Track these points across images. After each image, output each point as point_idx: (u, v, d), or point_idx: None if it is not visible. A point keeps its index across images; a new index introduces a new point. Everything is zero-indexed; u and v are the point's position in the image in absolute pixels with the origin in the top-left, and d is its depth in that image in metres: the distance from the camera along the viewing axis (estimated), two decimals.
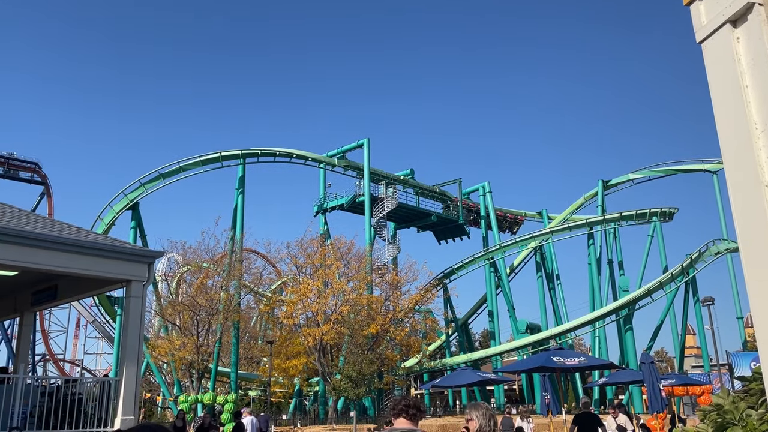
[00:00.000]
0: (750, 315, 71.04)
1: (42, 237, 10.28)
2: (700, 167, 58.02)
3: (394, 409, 4.63)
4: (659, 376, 14.36)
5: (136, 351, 10.99)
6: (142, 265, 11.40)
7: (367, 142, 52.71)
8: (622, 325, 51.20)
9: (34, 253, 10.14)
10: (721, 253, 52.63)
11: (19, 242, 9.93)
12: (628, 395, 47.04)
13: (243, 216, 47.40)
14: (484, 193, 61.64)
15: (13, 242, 9.86)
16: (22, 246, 9.98)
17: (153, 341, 44.17)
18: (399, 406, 4.60)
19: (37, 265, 10.43)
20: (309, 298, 43.79)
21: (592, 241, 55.94)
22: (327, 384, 43.15)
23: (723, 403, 4.65)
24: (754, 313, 4.11)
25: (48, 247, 10.27)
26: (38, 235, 10.27)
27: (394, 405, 4.63)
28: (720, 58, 4.46)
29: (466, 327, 61.36)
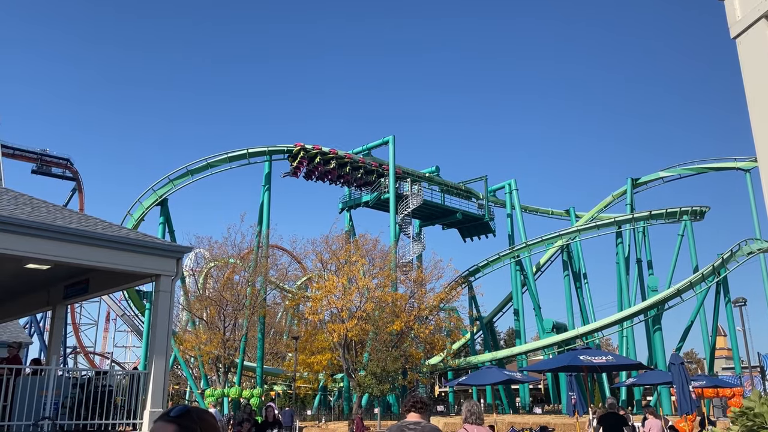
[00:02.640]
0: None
1: (75, 232, 10.49)
2: (732, 165, 56.75)
3: (405, 406, 5.72)
4: (689, 377, 14.12)
5: (164, 344, 11.17)
6: (170, 260, 11.57)
7: (392, 139, 52.70)
8: (651, 326, 50.39)
9: (67, 248, 10.36)
10: (753, 253, 51.40)
11: (53, 237, 10.16)
12: (657, 396, 46.34)
13: (269, 212, 47.80)
14: (510, 191, 61.19)
15: (47, 237, 10.09)
16: (56, 240, 10.20)
17: (180, 335, 44.82)
18: (409, 403, 5.70)
19: (69, 259, 10.65)
20: (334, 295, 43.99)
21: (621, 239, 55.13)
22: (351, 380, 43.32)
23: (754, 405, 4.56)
24: None
25: (80, 241, 10.48)
26: (71, 230, 10.50)
27: (405, 403, 5.72)
28: (755, 53, 4.36)
29: (491, 325, 61.03)
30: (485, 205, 59.06)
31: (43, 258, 10.58)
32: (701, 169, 58.89)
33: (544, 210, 65.44)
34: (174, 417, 1.85)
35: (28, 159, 62.83)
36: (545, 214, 65.72)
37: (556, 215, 65.92)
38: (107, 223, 12.62)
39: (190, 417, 1.86)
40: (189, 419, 1.85)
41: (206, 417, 1.92)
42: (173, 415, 1.86)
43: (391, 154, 52.51)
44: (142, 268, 11.36)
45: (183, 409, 1.90)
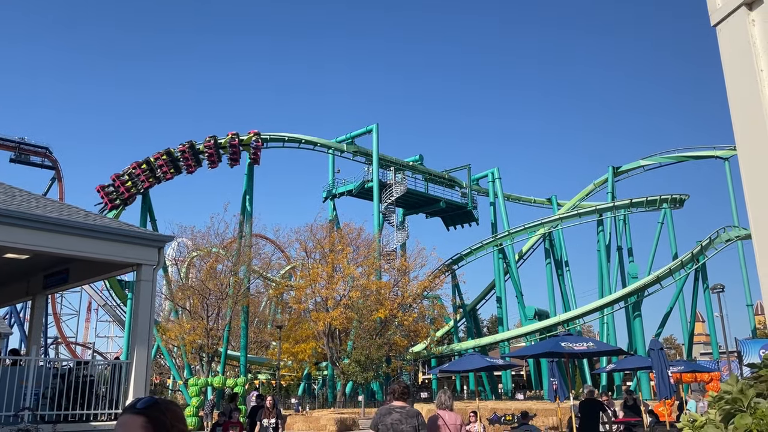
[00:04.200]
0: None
1: (53, 221, 10.35)
2: (711, 154, 57.48)
3: (391, 392, 6.79)
4: (668, 362, 14.37)
5: (146, 334, 11.10)
6: (152, 249, 11.47)
7: (376, 127, 52.59)
8: (631, 312, 51.13)
9: (46, 237, 10.22)
10: (731, 240, 52.27)
11: (31, 226, 10.01)
12: (636, 381, 47.11)
13: (252, 201, 47.56)
14: (493, 179, 61.45)
15: (25, 226, 9.94)
16: (34, 230, 10.05)
17: (163, 325, 44.60)
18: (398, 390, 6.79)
19: (48, 248, 10.51)
20: (318, 283, 44.02)
21: (602, 227, 55.70)
22: (335, 368, 43.47)
23: (731, 389, 4.64)
24: (765, 299, 4.08)
25: (59, 230, 10.35)
26: (49, 218, 10.35)
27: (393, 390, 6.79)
28: (735, 41, 4.39)
29: (474, 313, 61.48)
30: (468, 193, 59.27)
31: (21, 247, 10.43)
32: (681, 157, 59.55)
33: (527, 198, 65.86)
34: (141, 408, 1.82)
35: (7, 147, 61.71)
36: (528, 202, 66.16)
37: (539, 203, 66.40)
38: (87, 212, 12.47)
39: (157, 408, 1.83)
40: (157, 410, 1.82)
41: (173, 407, 1.89)
42: (140, 406, 1.82)
43: (374, 142, 52.42)
44: (122, 258, 11.25)
45: (150, 400, 1.86)
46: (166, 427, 1.80)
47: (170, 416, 1.84)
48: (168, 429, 1.81)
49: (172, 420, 1.84)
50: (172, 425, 1.82)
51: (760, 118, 4.11)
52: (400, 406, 6.61)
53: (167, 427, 1.81)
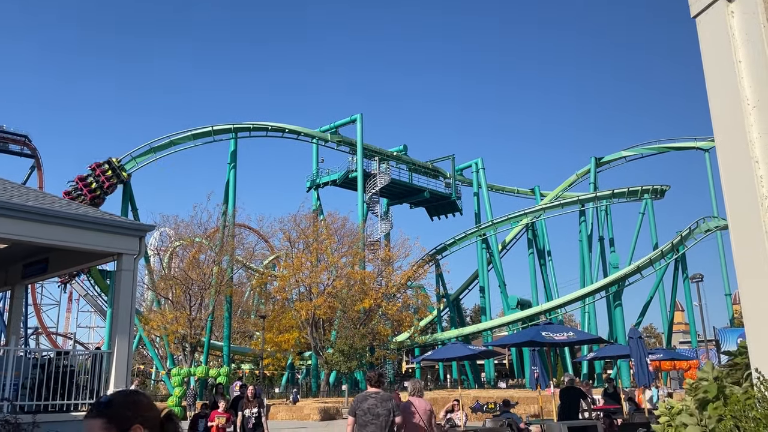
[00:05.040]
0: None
1: (32, 210, 10.20)
2: (692, 145, 58.12)
3: (368, 380, 7.49)
4: (647, 350, 14.58)
5: (127, 324, 11.02)
6: (133, 239, 11.36)
7: (360, 117, 52.44)
8: (612, 302, 51.75)
9: (24, 226, 10.07)
10: (711, 230, 53.03)
11: (9, 215, 9.86)
12: (616, 370, 47.76)
13: (235, 191, 47.33)
14: (477, 170, 61.63)
15: (3, 215, 9.79)
16: (12, 219, 9.91)
17: (146, 315, 44.34)
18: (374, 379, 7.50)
19: (26, 237, 10.37)
20: (302, 273, 43.98)
21: (584, 218, 56.19)
22: (319, 358, 43.54)
23: (708, 377, 4.72)
24: (741, 289, 4.15)
25: (38, 219, 10.20)
26: (28, 207, 10.20)
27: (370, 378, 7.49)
28: (714, 32, 4.43)
29: (458, 302, 61.84)
30: (452, 183, 59.42)
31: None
32: (662, 148, 60.14)
33: (510, 189, 66.18)
34: (99, 410, 1.81)
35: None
36: (511, 192, 66.49)
37: (522, 194, 66.76)
38: (66, 200, 12.31)
39: (116, 405, 1.82)
40: (116, 407, 1.81)
41: (135, 398, 1.88)
42: (98, 408, 1.81)
43: (358, 132, 52.29)
44: (103, 247, 11.13)
45: (105, 399, 1.84)
46: (129, 420, 1.79)
47: (134, 408, 1.83)
48: (131, 422, 1.79)
49: (137, 411, 1.82)
50: (137, 416, 1.80)
51: (737, 109, 4.16)
52: (375, 392, 7.29)
53: (131, 421, 1.79)
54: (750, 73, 4.08)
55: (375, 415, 7.08)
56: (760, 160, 3.95)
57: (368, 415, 7.10)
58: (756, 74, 4.04)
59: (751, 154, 3.99)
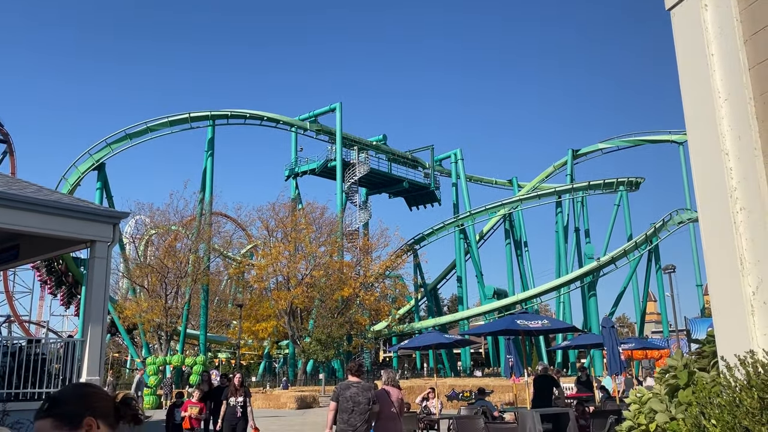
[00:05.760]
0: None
1: (1, 195, 9.99)
2: (667, 138, 58.94)
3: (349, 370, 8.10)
4: (619, 340, 14.84)
5: (100, 312, 10.88)
6: (106, 226, 11.19)
7: (339, 106, 52.18)
8: (586, 292, 52.47)
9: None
10: (684, 222, 53.94)
11: None
12: (590, 358, 48.51)
13: (212, 179, 46.82)
14: (456, 160, 61.81)
15: None
16: None
17: (121, 303, 43.84)
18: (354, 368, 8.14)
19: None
20: (280, 262, 43.81)
21: (560, 209, 56.76)
22: (296, 347, 43.51)
23: (677, 365, 4.82)
24: (709, 279, 4.23)
25: (7, 205, 9.99)
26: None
27: (350, 368, 8.12)
28: (687, 25, 4.48)
29: (435, 292, 62.18)
30: (431, 174, 59.55)
31: None
32: (638, 141, 60.90)
33: (488, 180, 66.53)
34: (46, 410, 1.75)
35: None
36: (489, 183, 66.85)
37: (500, 185, 67.17)
38: (38, 186, 12.07)
39: (63, 402, 1.77)
40: (63, 405, 1.76)
41: (86, 391, 1.83)
42: (45, 408, 1.76)
43: (338, 121, 52.05)
44: (75, 234, 10.95)
45: (50, 399, 1.79)
46: (80, 415, 1.74)
47: (83, 402, 1.78)
48: (82, 416, 1.75)
49: (88, 404, 1.78)
50: (88, 408, 1.76)
51: (708, 101, 4.22)
52: (357, 382, 7.93)
53: (82, 415, 1.75)
54: (722, 66, 4.14)
55: (356, 403, 7.68)
56: (730, 152, 4.02)
57: (350, 403, 7.68)
58: (728, 68, 4.10)
59: (722, 146, 4.06)
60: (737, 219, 3.91)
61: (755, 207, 3.79)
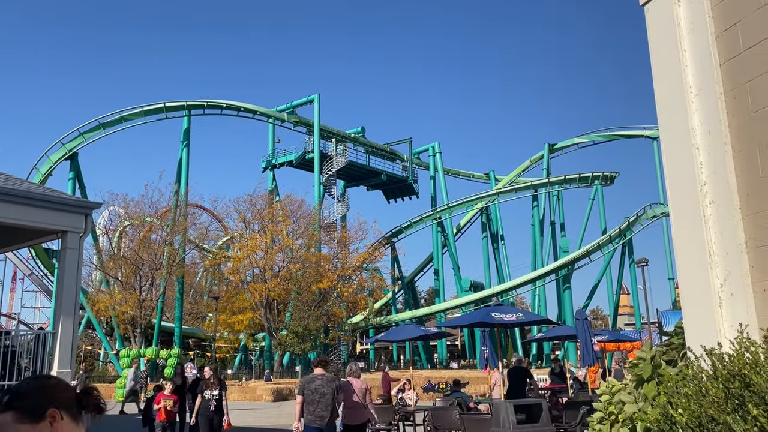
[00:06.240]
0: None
1: None
2: (641, 133, 59.74)
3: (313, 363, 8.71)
4: (592, 332, 15.06)
5: (72, 304, 10.71)
6: (78, 216, 11.01)
7: (317, 97, 51.89)
8: (561, 284, 53.11)
9: None
10: (657, 216, 54.82)
11: None
12: (564, 350, 49.19)
13: (188, 170, 46.30)
14: (434, 153, 61.93)
15: None
16: None
17: (93, 295, 43.23)
18: (316, 361, 8.86)
19: None
20: (256, 254, 43.56)
21: (536, 202, 57.28)
22: (273, 339, 43.36)
23: (645, 356, 4.91)
24: (679, 272, 4.30)
25: None
26: None
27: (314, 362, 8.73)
28: (661, 20, 4.54)
29: (412, 285, 62.39)
30: (409, 167, 59.62)
31: None
32: (613, 136, 61.62)
33: (466, 173, 66.83)
34: (6, 404, 1.71)
35: None
36: (467, 177, 67.15)
37: (477, 178, 67.50)
38: (7, 175, 11.81)
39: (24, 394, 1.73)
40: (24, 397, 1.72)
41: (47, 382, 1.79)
42: (5, 402, 1.71)
43: (316, 112, 51.76)
44: (46, 224, 10.75)
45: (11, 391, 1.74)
46: (42, 407, 1.71)
47: (45, 393, 1.74)
48: (45, 407, 1.71)
49: (49, 395, 1.74)
50: (50, 400, 1.73)
51: (680, 96, 4.28)
52: (321, 374, 8.52)
53: (44, 407, 1.71)
54: (694, 61, 4.20)
55: (321, 394, 8.25)
56: (701, 146, 4.08)
57: (315, 394, 8.25)
58: (699, 63, 4.16)
59: (693, 141, 4.12)
60: (707, 212, 3.97)
61: (724, 201, 3.86)
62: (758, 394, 2.32)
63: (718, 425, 2.41)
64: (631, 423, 3.93)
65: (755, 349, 2.67)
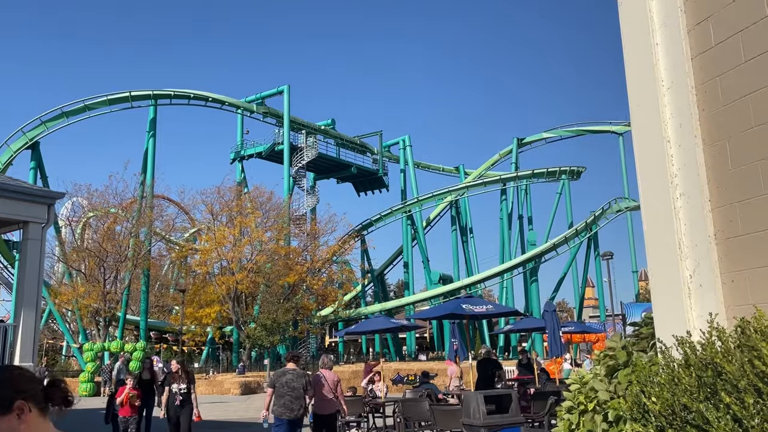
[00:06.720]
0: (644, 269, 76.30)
1: None
2: (607, 129, 60.77)
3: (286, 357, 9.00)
4: (560, 323, 15.29)
5: (34, 296, 10.42)
6: (41, 207, 10.70)
7: (287, 88, 51.41)
8: (529, 277, 53.84)
9: None
10: (622, 211, 55.92)
11: None
12: (531, 342, 49.92)
13: (154, 161, 45.48)
14: (404, 147, 62.01)
15: None
16: None
17: (56, 288, 42.22)
18: (289, 356, 9.16)
19: None
20: (224, 247, 43.06)
21: (505, 196, 57.87)
22: (241, 332, 42.99)
23: (616, 346, 4.97)
24: (649, 264, 4.36)
25: None
26: None
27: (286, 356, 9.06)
28: (634, 14, 4.57)
29: (382, 278, 62.49)
30: (380, 160, 59.59)
31: None
32: (580, 131, 62.55)
33: (436, 167, 67.11)
34: None
35: None
36: (436, 170, 67.44)
37: (447, 172, 67.85)
38: None
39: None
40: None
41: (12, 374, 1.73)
42: None
43: (285, 104, 51.28)
44: (7, 215, 10.42)
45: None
46: (9, 399, 1.65)
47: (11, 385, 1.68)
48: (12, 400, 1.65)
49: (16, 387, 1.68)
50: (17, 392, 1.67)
51: (652, 90, 4.32)
52: (292, 369, 8.82)
53: (11, 399, 1.65)
54: (666, 55, 4.24)
55: (291, 388, 8.55)
56: (672, 139, 4.13)
57: (286, 388, 8.54)
58: (671, 57, 4.21)
59: (664, 133, 4.17)
60: (677, 204, 4.02)
61: (694, 193, 3.91)
62: (730, 382, 2.35)
63: (690, 413, 2.45)
64: (604, 411, 3.98)
65: (725, 338, 2.71)
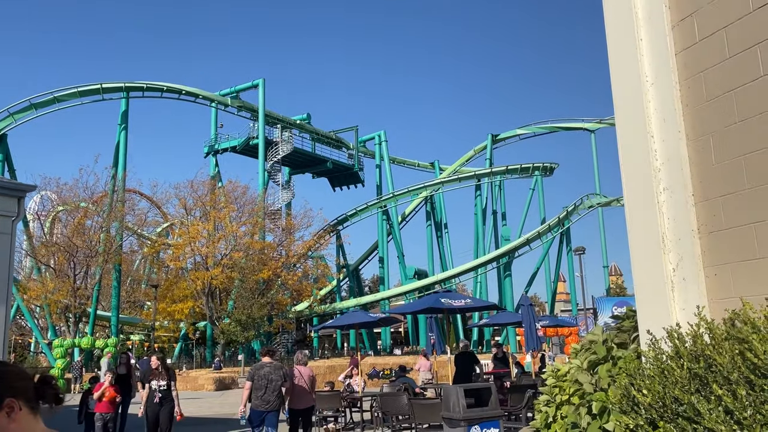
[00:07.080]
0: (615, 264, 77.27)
1: None
2: (580, 126, 61.50)
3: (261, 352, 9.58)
4: (536, 317, 15.44)
5: (4, 292, 10.16)
6: (10, 200, 10.43)
7: (262, 82, 50.93)
8: (502, 272, 54.30)
9: None
10: (593, 206, 56.69)
11: None
12: (505, 336, 50.41)
13: (126, 154, 44.69)
14: (380, 142, 61.96)
15: None
16: None
17: (24, 283, 41.31)
18: (264, 350, 9.58)
19: None
20: (198, 242, 42.57)
21: (479, 192, 58.25)
22: (215, 328, 42.58)
23: (597, 339, 5.01)
24: (633, 258, 4.38)
25: None
26: None
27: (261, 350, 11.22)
28: (618, 10, 4.60)
29: (357, 273, 62.46)
30: (355, 155, 59.45)
31: None
32: (553, 128, 63.17)
33: (411, 162, 67.20)
34: None
35: None
36: (412, 166, 67.55)
37: (422, 167, 68.00)
38: None
39: None
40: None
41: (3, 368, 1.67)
42: None
43: (261, 98, 50.80)
44: None
45: None
46: None
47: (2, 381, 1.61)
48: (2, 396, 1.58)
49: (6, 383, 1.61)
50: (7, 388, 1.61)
51: (636, 85, 4.36)
52: (269, 362, 9.13)
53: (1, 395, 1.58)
54: (650, 51, 4.27)
55: (269, 381, 8.85)
56: (656, 134, 4.17)
57: (263, 380, 8.84)
58: (655, 52, 4.24)
59: (648, 128, 4.21)
60: (660, 199, 4.06)
61: (678, 187, 3.96)
62: (722, 374, 2.38)
63: (681, 406, 2.46)
64: (588, 404, 4.01)
65: (715, 330, 2.74)
